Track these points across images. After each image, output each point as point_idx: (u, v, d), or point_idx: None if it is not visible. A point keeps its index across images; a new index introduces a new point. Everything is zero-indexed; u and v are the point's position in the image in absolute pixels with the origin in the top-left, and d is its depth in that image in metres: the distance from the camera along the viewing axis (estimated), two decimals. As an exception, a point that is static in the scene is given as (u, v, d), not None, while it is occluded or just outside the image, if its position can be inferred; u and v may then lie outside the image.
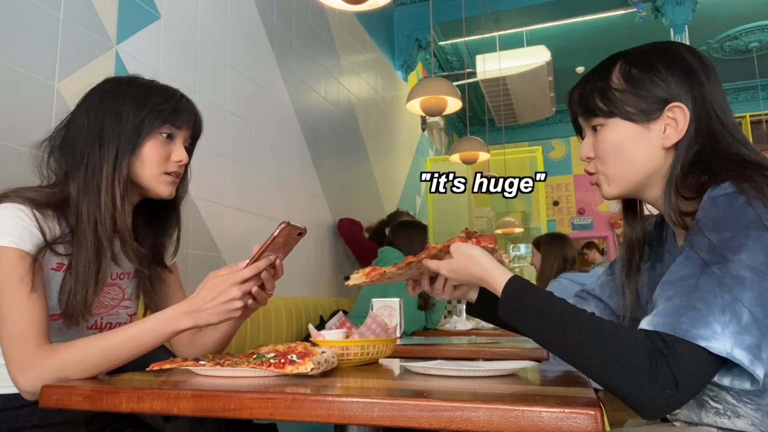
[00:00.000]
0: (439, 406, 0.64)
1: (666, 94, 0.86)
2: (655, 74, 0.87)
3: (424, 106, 2.96)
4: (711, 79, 0.87)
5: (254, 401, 0.70)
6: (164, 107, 1.05)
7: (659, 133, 0.86)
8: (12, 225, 0.92)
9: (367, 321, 1.21)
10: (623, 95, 0.88)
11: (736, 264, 0.69)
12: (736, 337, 0.67)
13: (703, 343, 0.67)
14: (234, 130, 2.37)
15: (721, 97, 0.87)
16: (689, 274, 0.72)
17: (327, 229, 3.25)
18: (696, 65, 0.87)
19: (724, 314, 0.68)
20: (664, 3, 4.71)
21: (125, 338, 0.94)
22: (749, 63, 6.66)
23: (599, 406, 0.62)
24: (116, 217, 1.01)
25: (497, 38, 5.44)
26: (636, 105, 0.87)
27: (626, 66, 0.89)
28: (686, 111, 0.84)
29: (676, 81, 0.86)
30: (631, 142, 0.88)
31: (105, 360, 0.93)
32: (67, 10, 1.60)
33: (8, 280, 0.90)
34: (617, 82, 0.89)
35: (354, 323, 1.32)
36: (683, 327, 0.68)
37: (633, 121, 0.88)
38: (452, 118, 7.31)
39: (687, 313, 0.69)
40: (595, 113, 0.91)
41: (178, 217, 1.17)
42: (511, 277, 0.86)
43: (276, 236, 0.96)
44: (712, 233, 0.72)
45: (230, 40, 2.39)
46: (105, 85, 1.07)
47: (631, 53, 0.91)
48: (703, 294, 0.69)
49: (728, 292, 0.68)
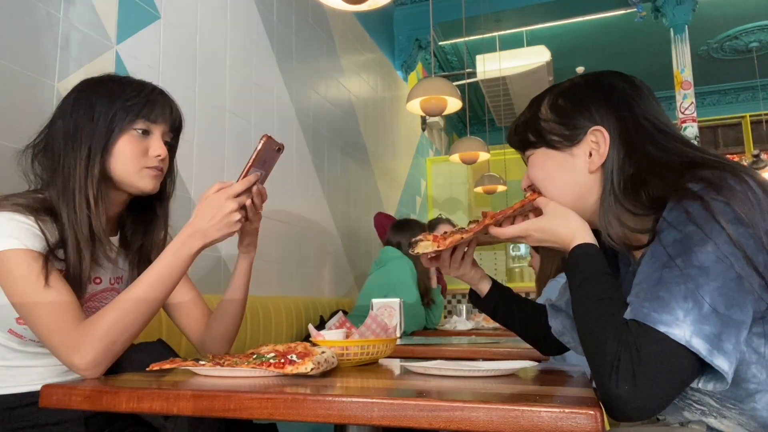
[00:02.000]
0: (439, 406, 0.64)
1: (588, 120, 0.89)
2: (579, 103, 0.91)
3: (424, 106, 2.96)
4: (643, 98, 0.89)
5: (254, 401, 0.70)
6: (135, 102, 1.04)
7: (584, 158, 0.89)
8: (15, 228, 0.92)
9: (367, 321, 1.21)
10: (548, 125, 0.92)
11: (700, 255, 0.69)
12: (696, 325, 0.66)
13: (663, 328, 0.67)
14: (234, 130, 2.37)
15: (657, 114, 0.88)
16: (653, 270, 0.73)
17: (327, 229, 3.25)
18: (624, 89, 0.90)
19: (686, 301, 0.67)
20: (664, 3, 4.70)
21: (148, 282, 0.96)
22: (749, 63, 6.66)
23: (599, 406, 0.62)
24: (91, 218, 1.00)
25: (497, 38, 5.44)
26: (559, 132, 0.91)
27: (554, 98, 0.94)
28: (605, 134, 0.87)
29: (598, 107, 0.89)
30: (557, 168, 0.92)
31: (140, 311, 0.94)
32: (67, 10, 1.60)
33: (26, 281, 0.91)
34: (545, 113, 0.94)
35: (354, 323, 1.32)
36: (644, 311, 0.69)
37: (557, 149, 0.92)
38: (452, 118, 7.31)
39: (653, 301, 0.70)
40: (526, 145, 0.96)
41: (166, 216, 1.17)
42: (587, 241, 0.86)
43: (260, 149, 1.01)
44: (677, 229, 0.73)
45: (230, 40, 2.39)
46: (80, 86, 1.06)
47: (562, 86, 0.96)
48: (666, 284, 0.70)
49: (691, 281, 0.68)
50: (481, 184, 4.71)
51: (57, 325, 0.90)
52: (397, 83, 4.90)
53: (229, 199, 0.99)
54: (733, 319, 0.68)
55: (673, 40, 4.72)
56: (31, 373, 1.02)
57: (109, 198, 1.05)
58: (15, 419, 0.98)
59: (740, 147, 6.42)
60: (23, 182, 1.05)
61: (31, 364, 1.02)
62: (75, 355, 0.90)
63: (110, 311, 0.93)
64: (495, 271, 5.94)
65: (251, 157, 1.01)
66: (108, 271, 1.11)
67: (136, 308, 0.94)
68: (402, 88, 4.94)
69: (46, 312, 0.90)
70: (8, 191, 1.01)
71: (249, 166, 1.01)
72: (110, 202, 1.07)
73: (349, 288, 3.48)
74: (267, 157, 1.05)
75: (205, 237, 0.99)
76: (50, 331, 0.90)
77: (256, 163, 1.02)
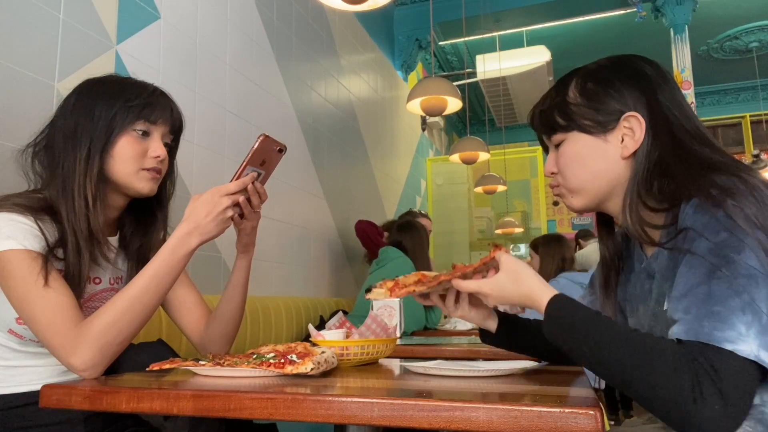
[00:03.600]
0: (439, 406, 0.64)
1: (621, 105, 0.87)
2: (610, 87, 0.89)
3: (424, 106, 2.96)
4: (669, 87, 0.88)
5: (254, 401, 0.70)
6: (136, 102, 1.04)
7: (617, 143, 0.88)
8: (15, 229, 0.92)
9: (367, 321, 1.21)
10: (579, 109, 0.90)
11: (742, 263, 0.68)
12: (761, 338, 0.65)
13: (730, 346, 0.64)
14: (234, 130, 2.37)
15: (680, 104, 0.87)
16: (698, 282, 0.70)
17: (327, 229, 3.25)
18: (652, 74, 0.89)
19: (746, 314, 0.65)
20: (664, 3, 4.70)
21: (145, 281, 0.96)
22: (749, 63, 6.66)
23: (599, 406, 0.62)
24: (89, 217, 1.00)
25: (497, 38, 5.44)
26: (592, 117, 0.89)
27: (582, 81, 0.92)
28: (641, 120, 0.86)
29: (630, 92, 0.87)
30: (589, 154, 0.90)
31: (137, 311, 0.94)
32: (67, 10, 1.60)
33: (25, 282, 0.91)
34: (573, 96, 0.91)
35: (354, 323, 1.32)
36: (705, 330, 0.66)
37: (590, 133, 0.89)
38: (452, 118, 7.31)
39: (708, 318, 0.67)
40: (555, 129, 0.93)
41: (165, 217, 1.17)
42: (555, 294, 0.82)
43: (255, 149, 1.00)
44: (709, 235, 0.71)
45: (230, 40, 2.39)
46: (81, 85, 1.06)
47: (587, 68, 0.93)
48: (720, 297, 0.67)
49: (745, 292, 0.66)
50: (481, 184, 4.72)
51: (55, 325, 0.90)
52: (397, 83, 4.90)
53: (222, 196, 0.99)
54: None
55: (673, 40, 4.72)
56: (31, 373, 1.01)
57: (107, 199, 1.05)
58: (15, 419, 0.98)
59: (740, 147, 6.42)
60: (23, 182, 1.05)
61: (31, 364, 1.02)
62: (72, 356, 0.90)
63: (107, 311, 0.93)
64: (495, 271, 5.92)
65: (247, 156, 1.01)
66: (108, 272, 1.11)
67: (133, 308, 0.94)
68: (402, 88, 4.94)
69: (44, 312, 0.90)
70: (8, 191, 1.01)
71: (244, 164, 1.01)
72: (109, 203, 1.06)
73: (349, 288, 3.48)
74: (267, 158, 1.04)
75: (202, 234, 0.99)
76: (49, 331, 0.90)
77: (252, 162, 1.02)
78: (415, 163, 5.29)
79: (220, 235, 1.02)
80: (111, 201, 1.07)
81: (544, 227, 5.46)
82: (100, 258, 1.05)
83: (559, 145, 0.94)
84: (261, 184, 1.07)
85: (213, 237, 1.01)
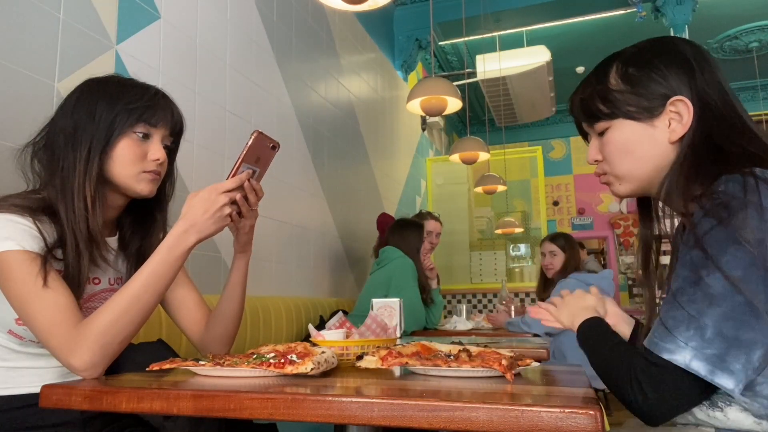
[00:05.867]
0: (439, 406, 0.64)
1: (665, 89, 0.86)
2: (653, 71, 0.87)
3: (424, 106, 2.96)
4: (710, 67, 0.87)
5: (254, 401, 0.70)
6: (137, 105, 1.03)
7: (664, 128, 0.87)
8: (13, 230, 0.92)
9: (367, 321, 1.21)
10: (623, 95, 0.88)
11: (711, 280, 0.72)
12: (697, 350, 0.71)
13: (667, 355, 0.73)
14: (234, 130, 2.37)
15: (720, 84, 0.87)
16: (672, 291, 0.77)
17: (327, 229, 3.25)
18: (693, 56, 0.88)
19: (688, 330, 0.72)
20: (664, 3, 4.70)
21: (144, 280, 0.95)
22: (749, 63, 6.66)
23: (599, 406, 0.62)
24: (89, 219, 1.00)
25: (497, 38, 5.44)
26: (637, 103, 0.87)
27: (622, 66, 0.90)
28: (689, 103, 0.85)
29: (673, 74, 0.86)
30: (637, 140, 0.89)
31: (136, 310, 0.94)
32: (67, 10, 1.60)
33: (24, 283, 0.91)
34: (615, 83, 0.89)
35: (354, 323, 1.32)
36: (654, 340, 0.76)
37: (636, 119, 0.88)
38: (452, 118, 7.31)
39: (660, 329, 0.76)
40: (598, 117, 0.91)
41: (164, 218, 1.17)
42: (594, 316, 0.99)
43: (250, 145, 1.01)
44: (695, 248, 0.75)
45: (230, 40, 2.39)
46: (83, 85, 1.06)
47: (627, 53, 0.92)
48: (675, 312, 0.75)
49: (696, 310, 0.73)
50: (481, 184, 4.71)
51: (54, 326, 0.90)
52: (397, 83, 4.90)
53: (220, 194, 0.99)
54: (741, 340, 0.70)
55: (673, 40, 4.71)
56: (32, 374, 1.01)
57: (106, 199, 1.05)
58: (15, 421, 0.98)
59: (740, 147, 6.41)
60: (23, 182, 1.05)
61: (32, 365, 1.02)
62: (72, 357, 0.90)
63: (106, 311, 0.92)
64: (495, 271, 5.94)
65: (242, 153, 1.01)
66: (107, 272, 1.11)
67: (132, 307, 0.94)
68: (402, 88, 4.94)
69: (43, 313, 0.90)
70: (8, 191, 1.01)
71: (239, 161, 1.01)
72: (108, 203, 1.06)
73: (349, 288, 3.48)
74: (261, 155, 1.04)
75: (200, 232, 0.99)
76: (48, 332, 0.90)
77: (247, 159, 1.02)
78: (415, 163, 5.29)
79: (219, 233, 1.02)
80: (110, 201, 1.07)
81: (544, 227, 5.46)
82: (99, 259, 1.05)
83: (602, 133, 0.93)
84: (257, 182, 1.07)
85: (210, 235, 1.00)
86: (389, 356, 0.90)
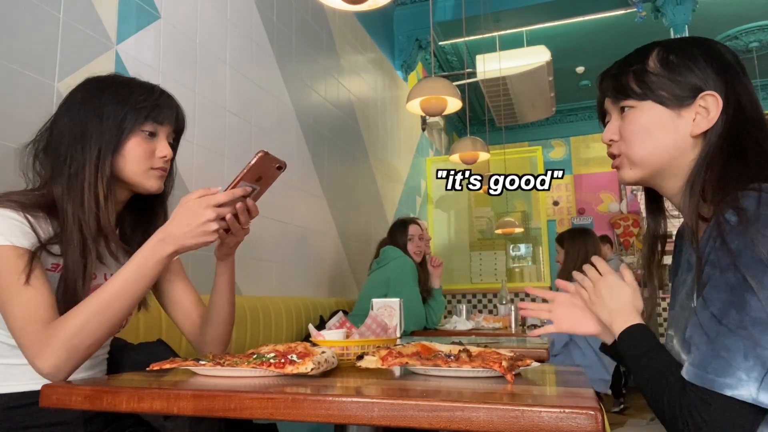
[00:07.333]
0: (439, 406, 0.64)
1: (701, 82, 0.87)
2: (693, 62, 0.88)
3: (424, 106, 2.96)
4: (746, 77, 0.88)
5: (254, 401, 0.70)
6: (145, 104, 1.05)
7: (689, 120, 0.87)
8: (3, 225, 0.93)
9: (367, 321, 1.21)
10: (659, 79, 0.89)
11: (754, 304, 0.70)
12: (761, 381, 0.68)
13: (729, 392, 0.69)
14: (234, 130, 2.37)
15: (753, 97, 0.87)
16: (712, 316, 0.74)
17: (327, 229, 3.25)
18: (733, 61, 0.88)
19: (747, 360, 0.69)
20: (664, 3, 4.70)
21: (117, 287, 0.94)
22: (749, 63, 6.64)
23: (599, 406, 0.62)
24: (100, 216, 1.01)
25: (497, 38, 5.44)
26: (670, 90, 0.88)
27: (664, 52, 0.90)
28: (719, 100, 0.85)
29: (712, 72, 0.87)
30: (660, 126, 0.89)
31: (106, 317, 0.92)
32: (67, 10, 1.60)
33: (7, 278, 0.91)
34: (654, 66, 0.90)
35: (354, 323, 1.32)
36: (710, 377, 0.71)
37: (665, 105, 0.88)
38: (452, 118, 7.30)
39: (713, 362, 0.72)
40: (628, 94, 0.91)
41: (165, 213, 1.17)
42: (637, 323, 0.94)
43: (252, 165, 0.98)
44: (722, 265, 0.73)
45: (230, 40, 2.39)
46: (85, 85, 1.07)
47: (670, 41, 0.92)
48: (725, 340, 0.71)
49: (749, 337, 0.70)
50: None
51: (26, 324, 0.90)
52: (397, 83, 4.90)
53: (208, 207, 0.95)
54: None
55: (673, 41, 4.71)
56: (32, 371, 1.01)
57: (116, 196, 1.07)
58: (15, 419, 0.97)
59: (740, 147, 6.41)
60: (23, 182, 1.05)
61: (30, 362, 1.02)
62: (38, 358, 0.89)
63: (77, 315, 0.91)
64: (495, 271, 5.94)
65: (242, 171, 0.98)
66: (111, 268, 1.11)
67: (103, 312, 0.92)
68: (402, 88, 4.94)
69: (18, 310, 0.90)
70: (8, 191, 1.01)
71: (239, 179, 0.98)
72: (116, 200, 1.08)
73: (349, 288, 3.48)
74: (264, 174, 1.01)
75: (177, 243, 0.96)
76: (20, 329, 0.90)
77: (247, 177, 0.99)
78: (415, 163, 5.29)
79: (203, 247, 0.99)
80: (117, 197, 1.08)
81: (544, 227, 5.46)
82: (107, 256, 1.05)
83: (624, 110, 0.93)
84: (253, 201, 1.04)
85: (191, 248, 0.97)
86: (389, 356, 0.90)
